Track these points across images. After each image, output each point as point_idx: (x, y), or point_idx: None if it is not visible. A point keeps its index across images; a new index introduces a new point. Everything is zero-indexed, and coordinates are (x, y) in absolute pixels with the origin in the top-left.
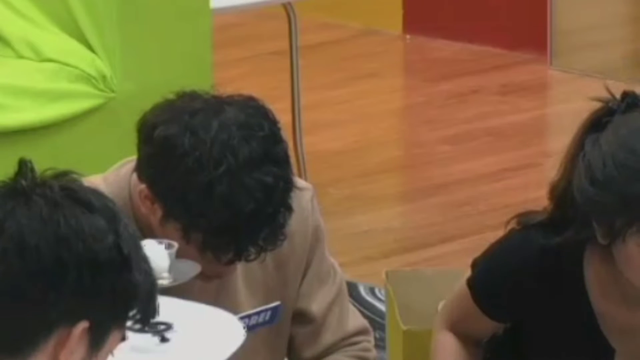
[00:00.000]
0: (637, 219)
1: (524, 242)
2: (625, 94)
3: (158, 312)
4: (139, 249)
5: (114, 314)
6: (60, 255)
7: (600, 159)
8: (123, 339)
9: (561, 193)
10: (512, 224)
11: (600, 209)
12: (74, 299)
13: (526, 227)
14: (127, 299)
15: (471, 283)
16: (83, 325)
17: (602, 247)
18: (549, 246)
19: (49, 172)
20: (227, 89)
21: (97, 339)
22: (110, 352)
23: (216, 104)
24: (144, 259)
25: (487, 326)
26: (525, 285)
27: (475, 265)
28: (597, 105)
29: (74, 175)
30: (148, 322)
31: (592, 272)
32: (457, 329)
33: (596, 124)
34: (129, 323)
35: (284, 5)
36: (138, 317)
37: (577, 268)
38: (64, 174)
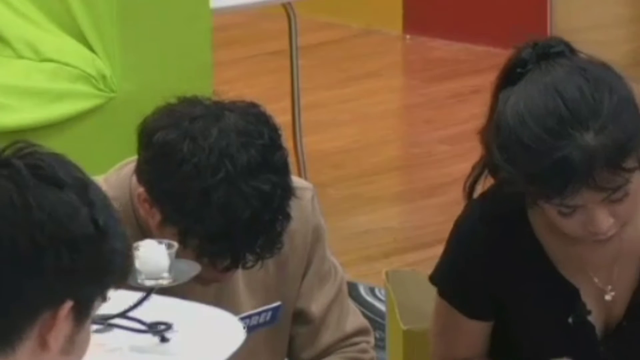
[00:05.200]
0: (543, 196)
1: (466, 216)
2: (536, 43)
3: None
4: (112, 214)
5: (96, 286)
6: (35, 240)
7: (506, 128)
8: (104, 300)
9: (487, 138)
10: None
11: (509, 178)
12: (55, 281)
13: (469, 201)
14: (108, 268)
15: (437, 282)
16: (68, 305)
17: None
18: (489, 204)
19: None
20: (227, 89)
21: (83, 313)
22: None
23: (216, 110)
24: (117, 222)
25: (472, 335)
26: (478, 255)
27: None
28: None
29: (34, 147)
30: (126, 280)
31: (535, 214)
32: (447, 355)
33: (510, 74)
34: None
35: (284, 5)
36: (117, 279)
37: (522, 213)
38: (24, 147)
